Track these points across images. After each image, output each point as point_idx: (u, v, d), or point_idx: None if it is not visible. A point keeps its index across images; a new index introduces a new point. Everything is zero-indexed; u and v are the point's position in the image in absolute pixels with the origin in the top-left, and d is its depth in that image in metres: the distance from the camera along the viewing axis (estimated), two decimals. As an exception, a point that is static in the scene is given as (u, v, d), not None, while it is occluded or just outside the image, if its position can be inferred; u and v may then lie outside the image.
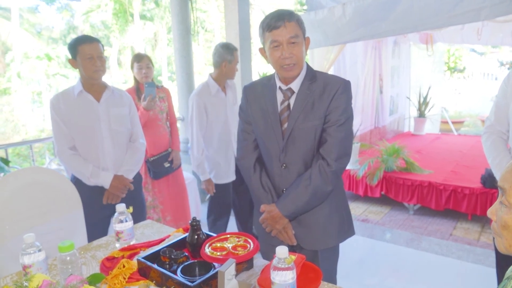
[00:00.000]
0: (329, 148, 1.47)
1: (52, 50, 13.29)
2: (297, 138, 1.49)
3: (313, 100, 1.47)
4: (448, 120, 7.74)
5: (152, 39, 15.91)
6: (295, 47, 1.42)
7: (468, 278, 2.73)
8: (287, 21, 1.39)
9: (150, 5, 15.42)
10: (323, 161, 1.47)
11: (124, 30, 14.96)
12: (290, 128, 1.49)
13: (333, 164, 1.46)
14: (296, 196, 1.48)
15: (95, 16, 14.89)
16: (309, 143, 1.49)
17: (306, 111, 1.47)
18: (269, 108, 1.53)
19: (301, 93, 1.49)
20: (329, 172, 1.46)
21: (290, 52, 1.42)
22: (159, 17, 15.23)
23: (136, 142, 2.22)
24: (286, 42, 1.41)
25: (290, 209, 1.48)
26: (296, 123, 1.48)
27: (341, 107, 1.47)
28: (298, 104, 1.48)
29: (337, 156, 1.47)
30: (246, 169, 1.62)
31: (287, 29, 1.39)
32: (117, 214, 1.50)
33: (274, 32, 1.41)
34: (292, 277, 1.05)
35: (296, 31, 1.41)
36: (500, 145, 1.74)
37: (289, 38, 1.40)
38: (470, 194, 3.58)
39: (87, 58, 1.96)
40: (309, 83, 1.49)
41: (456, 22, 2.72)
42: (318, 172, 1.46)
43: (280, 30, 1.40)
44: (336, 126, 1.46)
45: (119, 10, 14.51)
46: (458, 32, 5.36)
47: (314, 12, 3.52)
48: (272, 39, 1.42)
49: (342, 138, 1.47)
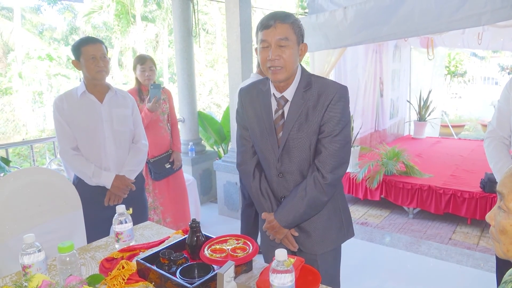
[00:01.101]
0: (323, 159, 1.44)
1: (54, 50, 13.31)
2: (292, 148, 1.47)
3: (307, 110, 1.44)
4: (448, 124, 7.75)
5: (153, 40, 15.94)
6: (284, 50, 1.37)
7: (467, 282, 2.73)
8: (280, 22, 1.36)
9: (152, 6, 15.47)
10: (318, 173, 1.44)
11: (125, 31, 15.00)
12: (285, 138, 1.46)
13: (328, 176, 1.43)
14: (293, 207, 1.47)
15: (97, 17, 14.93)
16: (305, 153, 1.47)
17: (300, 122, 1.44)
18: (264, 115, 1.50)
19: (295, 102, 1.45)
20: (324, 185, 1.44)
21: (277, 54, 1.37)
22: (161, 18, 15.27)
23: (138, 143, 2.23)
24: (274, 44, 1.37)
25: (288, 219, 1.48)
26: (290, 133, 1.45)
27: (336, 117, 1.43)
28: (292, 114, 1.45)
29: (332, 168, 1.44)
30: (246, 175, 1.61)
31: (277, 30, 1.36)
32: (117, 215, 1.50)
33: (264, 31, 1.38)
34: (291, 280, 1.05)
35: (287, 34, 1.37)
36: (502, 150, 1.74)
37: (278, 40, 1.36)
38: (469, 199, 3.58)
39: (90, 58, 1.97)
40: (303, 91, 1.45)
41: (457, 27, 2.73)
42: (313, 183, 1.44)
43: (270, 30, 1.36)
44: (331, 137, 1.43)
45: (121, 11, 14.55)
46: (459, 36, 5.38)
47: (316, 16, 3.54)
48: (262, 39, 1.39)
49: (337, 149, 1.44)
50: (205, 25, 15.28)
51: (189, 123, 4.39)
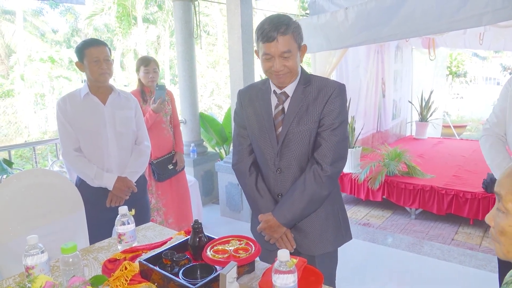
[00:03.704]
0: (323, 152, 1.46)
1: (56, 52, 13.35)
2: (292, 142, 1.48)
3: (307, 104, 1.47)
4: (450, 125, 7.73)
5: (154, 42, 15.98)
6: (287, 60, 1.40)
7: (469, 283, 2.72)
8: (281, 34, 1.36)
9: (153, 8, 15.51)
10: (318, 166, 1.46)
11: (127, 33, 15.04)
12: (285, 132, 1.48)
13: (328, 168, 1.45)
14: (292, 204, 1.46)
15: (99, 19, 14.98)
16: (304, 147, 1.49)
17: (300, 115, 1.47)
18: (263, 112, 1.52)
19: (295, 97, 1.48)
20: (323, 177, 1.45)
21: (282, 65, 1.40)
22: (162, 20, 15.31)
23: (141, 145, 2.24)
24: (278, 56, 1.39)
25: (288, 217, 1.47)
26: (290, 127, 1.47)
27: (335, 111, 1.46)
28: (292, 108, 1.48)
29: (332, 160, 1.46)
30: (241, 173, 1.61)
31: (280, 44, 1.37)
32: (119, 217, 1.50)
33: (266, 44, 1.38)
34: (294, 281, 1.05)
35: (290, 46, 1.38)
36: (499, 147, 1.73)
37: (282, 53, 1.38)
38: (472, 199, 3.57)
39: (93, 61, 1.98)
40: (303, 87, 1.48)
41: (458, 27, 2.73)
42: (313, 177, 1.45)
43: (272, 44, 1.37)
44: (330, 130, 1.46)
45: (122, 13, 14.60)
46: (460, 36, 5.37)
47: (317, 16, 3.54)
48: (264, 51, 1.40)
49: (336, 142, 1.46)
50: (206, 26, 15.31)
51: (191, 124, 4.40)
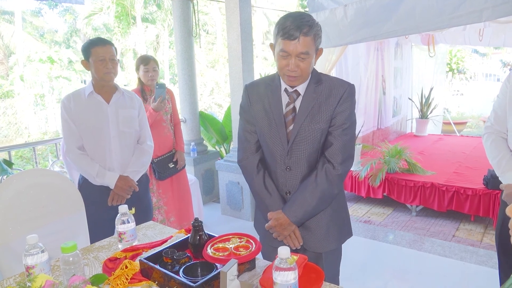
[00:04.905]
0: (334, 151, 1.47)
1: (55, 53, 13.32)
2: (303, 140, 1.48)
3: (319, 103, 1.47)
4: (450, 121, 7.73)
5: (154, 41, 15.96)
6: (303, 62, 1.39)
7: (470, 279, 2.72)
8: (304, 35, 1.34)
9: (152, 8, 15.49)
10: (329, 164, 1.47)
11: (126, 32, 15.02)
12: (296, 130, 1.47)
13: (339, 167, 1.46)
14: (304, 201, 1.47)
15: (98, 19, 14.96)
16: (315, 145, 1.49)
17: (312, 114, 1.46)
18: (273, 109, 1.51)
19: (307, 95, 1.48)
20: (335, 176, 1.46)
21: (297, 65, 1.39)
22: (161, 19, 15.30)
23: (144, 144, 2.24)
24: (295, 55, 1.38)
25: (299, 214, 1.47)
26: (302, 125, 1.47)
27: (347, 111, 1.47)
28: (304, 106, 1.47)
29: (343, 159, 1.47)
30: (249, 171, 1.59)
31: (300, 44, 1.35)
32: (120, 215, 1.50)
33: (286, 41, 1.36)
34: (294, 278, 1.05)
35: (309, 47, 1.37)
36: (500, 144, 1.73)
37: (299, 53, 1.37)
38: (472, 195, 3.57)
39: (99, 60, 1.98)
40: (315, 85, 1.48)
41: (458, 23, 2.72)
42: (325, 175, 1.46)
43: (293, 43, 1.35)
44: (341, 130, 1.47)
45: (121, 13, 14.57)
46: (460, 33, 5.36)
47: (316, 14, 3.53)
48: (282, 48, 1.38)
49: (347, 141, 1.48)
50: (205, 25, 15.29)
51: (191, 123, 4.39)
